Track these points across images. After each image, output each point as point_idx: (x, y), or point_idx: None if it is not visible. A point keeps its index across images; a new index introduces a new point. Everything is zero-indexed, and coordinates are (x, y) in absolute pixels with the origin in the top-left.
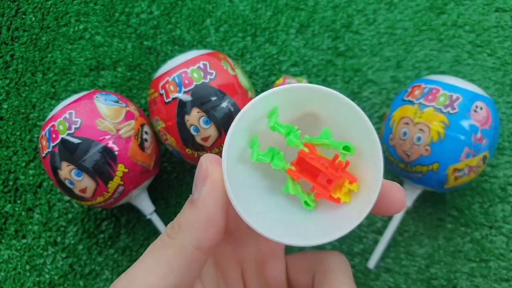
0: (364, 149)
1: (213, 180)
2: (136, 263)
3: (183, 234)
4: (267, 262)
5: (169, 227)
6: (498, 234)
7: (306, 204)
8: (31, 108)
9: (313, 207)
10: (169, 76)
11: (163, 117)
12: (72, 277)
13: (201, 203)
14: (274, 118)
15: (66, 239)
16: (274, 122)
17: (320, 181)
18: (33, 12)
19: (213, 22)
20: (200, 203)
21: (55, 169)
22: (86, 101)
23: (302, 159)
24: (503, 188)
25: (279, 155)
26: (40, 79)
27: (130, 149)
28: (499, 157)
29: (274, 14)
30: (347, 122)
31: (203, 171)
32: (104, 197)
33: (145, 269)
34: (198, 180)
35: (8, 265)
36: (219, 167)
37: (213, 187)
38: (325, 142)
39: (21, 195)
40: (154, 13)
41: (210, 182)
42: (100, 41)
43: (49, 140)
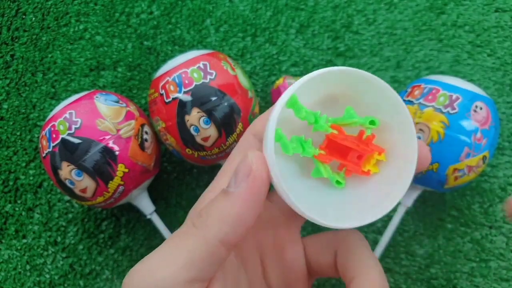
0: (389, 122)
1: (257, 178)
2: (156, 250)
3: (210, 225)
4: (285, 246)
5: (195, 214)
6: (498, 234)
7: (338, 183)
8: (31, 108)
9: (344, 185)
10: (169, 76)
11: (163, 117)
12: (72, 277)
13: (238, 197)
14: (302, 108)
15: (66, 239)
16: (305, 112)
17: (351, 158)
18: (33, 12)
19: (213, 22)
20: (237, 197)
21: (55, 169)
22: (86, 101)
23: (331, 141)
24: (503, 188)
25: (308, 143)
26: (40, 79)
27: (130, 149)
28: (499, 157)
29: (274, 14)
30: (369, 98)
31: (247, 165)
32: (104, 197)
33: (164, 258)
34: (239, 174)
35: (8, 265)
36: (265, 166)
37: (255, 184)
38: (352, 120)
39: (21, 195)
40: (154, 13)
41: (253, 179)
42: (100, 41)
43: (49, 140)
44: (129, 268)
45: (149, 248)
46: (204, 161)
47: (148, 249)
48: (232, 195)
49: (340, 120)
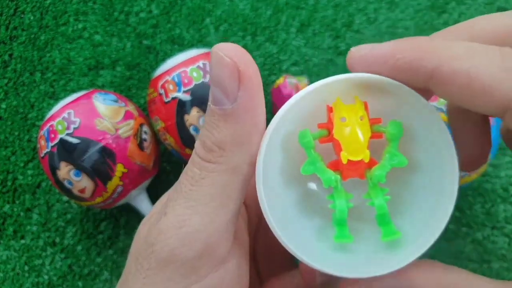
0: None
1: (250, 78)
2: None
3: (232, 154)
4: None
5: (203, 151)
6: (500, 235)
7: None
8: (30, 107)
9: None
10: (169, 75)
11: (162, 116)
12: (71, 278)
13: (242, 110)
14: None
15: (65, 240)
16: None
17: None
18: (31, 11)
19: (213, 21)
20: (242, 111)
21: (53, 169)
22: (84, 101)
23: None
24: (505, 189)
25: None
26: (38, 78)
27: (129, 149)
28: (501, 158)
29: (274, 13)
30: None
31: (231, 67)
32: (103, 197)
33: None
34: (226, 82)
35: (6, 265)
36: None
37: (252, 86)
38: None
39: (20, 196)
40: (154, 12)
41: (249, 81)
42: (99, 40)
43: (48, 140)
44: None
45: None
46: None
47: None
48: (235, 111)
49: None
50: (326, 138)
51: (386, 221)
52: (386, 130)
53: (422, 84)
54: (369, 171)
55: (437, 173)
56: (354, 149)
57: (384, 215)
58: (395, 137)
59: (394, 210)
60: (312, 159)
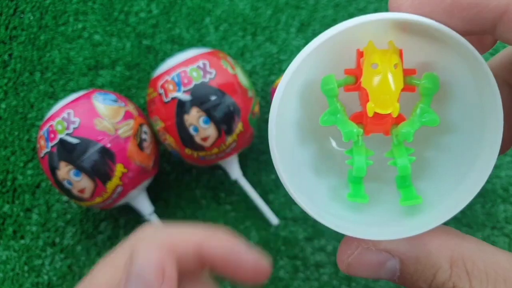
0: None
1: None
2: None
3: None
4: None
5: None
6: (500, 235)
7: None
8: (30, 107)
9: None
10: (168, 75)
11: (162, 116)
12: (70, 278)
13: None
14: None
15: (65, 240)
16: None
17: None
18: (31, 11)
19: (213, 21)
20: None
21: (53, 169)
22: (84, 101)
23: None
24: (505, 189)
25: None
26: (38, 78)
27: (128, 149)
28: (501, 158)
29: (274, 13)
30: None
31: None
32: (102, 198)
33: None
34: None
35: (6, 266)
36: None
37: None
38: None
39: (20, 196)
40: (153, 12)
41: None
42: (98, 40)
43: (48, 140)
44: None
45: None
46: (204, 161)
47: None
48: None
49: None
50: (352, 86)
51: (407, 184)
52: (420, 83)
53: (485, 28)
54: (396, 128)
55: (474, 137)
56: (383, 101)
57: (406, 177)
58: (429, 91)
59: (418, 173)
60: (334, 108)
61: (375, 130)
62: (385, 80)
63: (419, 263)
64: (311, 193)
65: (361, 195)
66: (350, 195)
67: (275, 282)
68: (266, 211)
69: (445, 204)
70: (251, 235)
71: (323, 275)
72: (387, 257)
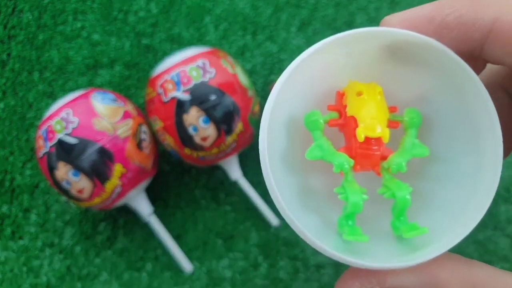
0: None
1: None
2: None
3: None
4: None
5: None
6: (501, 236)
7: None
8: (28, 107)
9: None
10: (168, 74)
11: (161, 116)
12: (69, 279)
13: None
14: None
15: (64, 241)
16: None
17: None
18: (30, 10)
19: (213, 20)
20: None
21: (51, 170)
22: (83, 100)
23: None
24: (507, 189)
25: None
26: (37, 78)
27: (127, 149)
28: None
29: (274, 12)
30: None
31: None
32: (101, 198)
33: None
34: None
35: (5, 266)
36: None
37: None
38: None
39: (18, 196)
40: (153, 11)
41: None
42: (97, 39)
43: (46, 140)
44: (127, 270)
45: (147, 249)
46: (203, 162)
47: (146, 251)
48: None
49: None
50: (336, 121)
51: (403, 216)
52: (403, 118)
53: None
54: (386, 163)
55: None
56: (372, 124)
57: (405, 208)
58: (414, 125)
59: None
60: (320, 142)
61: (364, 165)
62: (372, 104)
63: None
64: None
65: (360, 234)
66: (348, 235)
67: (275, 283)
68: (266, 212)
69: (448, 232)
70: (251, 235)
71: (323, 276)
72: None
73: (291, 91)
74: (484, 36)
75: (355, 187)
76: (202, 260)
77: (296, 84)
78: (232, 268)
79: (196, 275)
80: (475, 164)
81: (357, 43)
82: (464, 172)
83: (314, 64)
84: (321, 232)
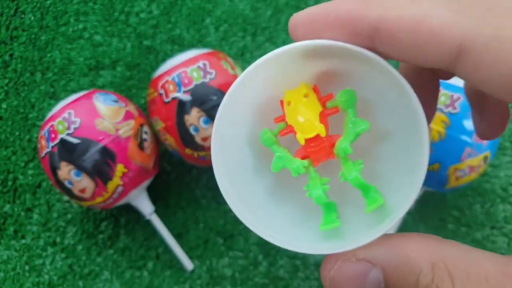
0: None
1: None
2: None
3: None
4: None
5: None
6: (499, 235)
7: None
8: (30, 108)
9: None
10: (169, 75)
11: (162, 117)
12: (71, 278)
13: None
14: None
15: (66, 240)
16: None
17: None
18: (32, 11)
19: (213, 21)
20: None
21: (54, 169)
22: (85, 101)
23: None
24: (504, 189)
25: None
26: (39, 78)
27: (129, 149)
28: (500, 157)
29: (274, 13)
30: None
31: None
32: (103, 197)
33: None
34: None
35: (7, 265)
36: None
37: None
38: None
39: (20, 195)
40: (154, 12)
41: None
42: (99, 40)
43: (48, 140)
44: (128, 269)
45: (149, 248)
46: (204, 161)
47: (147, 250)
48: None
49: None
50: (285, 130)
51: (367, 191)
52: (338, 101)
53: (367, 42)
54: (335, 148)
55: (408, 139)
56: (306, 126)
57: (362, 185)
58: (348, 104)
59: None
60: (279, 153)
61: (319, 157)
62: (299, 108)
63: (400, 270)
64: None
65: (332, 221)
66: (323, 225)
67: (275, 282)
68: None
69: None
70: (251, 234)
71: None
72: (368, 267)
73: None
74: (373, 31)
75: (316, 182)
76: (202, 258)
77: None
78: (232, 266)
79: (196, 274)
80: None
81: (285, 57)
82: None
83: (256, 81)
84: (298, 224)
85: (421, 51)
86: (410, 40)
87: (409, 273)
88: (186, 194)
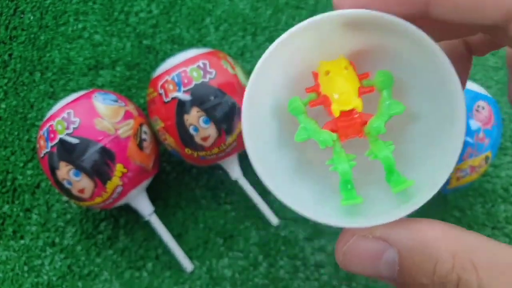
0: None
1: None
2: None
3: None
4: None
5: None
6: (500, 235)
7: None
8: (29, 107)
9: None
10: (168, 75)
11: (162, 116)
12: (70, 278)
13: None
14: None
15: (65, 240)
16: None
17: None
18: (31, 11)
19: (213, 21)
20: None
21: (53, 169)
22: (84, 101)
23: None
24: (506, 189)
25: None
26: (38, 78)
27: (128, 149)
28: (502, 157)
29: (274, 13)
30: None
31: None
32: (102, 198)
33: None
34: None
35: (6, 266)
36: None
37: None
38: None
39: (19, 196)
40: (153, 12)
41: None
42: (99, 40)
43: (47, 140)
44: (127, 269)
45: (148, 249)
46: (204, 161)
47: (146, 250)
48: None
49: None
50: (315, 100)
51: (394, 172)
52: (374, 81)
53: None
54: (366, 127)
55: (441, 120)
56: (343, 98)
57: (391, 166)
58: (385, 85)
59: (398, 164)
60: (305, 124)
61: (348, 134)
62: (339, 80)
63: (417, 254)
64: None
65: (354, 197)
66: (344, 200)
67: (275, 282)
68: (266, 211)
69: (426, 186)
70: (251, 235)
71: (323, 275)
72: (384, 246)
73: (270, 78)
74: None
75: (342, 157)
76: (202, 259)
77: (275, 70)
78: (232, 267)
79: (196, 274)
80: (445, 123)
81: (323, 25)
82: (437, 130)
83: (288, 51)
84: (320, 200)
85: (476, 13)
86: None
87: (427, 259)
88: (185, 194)
